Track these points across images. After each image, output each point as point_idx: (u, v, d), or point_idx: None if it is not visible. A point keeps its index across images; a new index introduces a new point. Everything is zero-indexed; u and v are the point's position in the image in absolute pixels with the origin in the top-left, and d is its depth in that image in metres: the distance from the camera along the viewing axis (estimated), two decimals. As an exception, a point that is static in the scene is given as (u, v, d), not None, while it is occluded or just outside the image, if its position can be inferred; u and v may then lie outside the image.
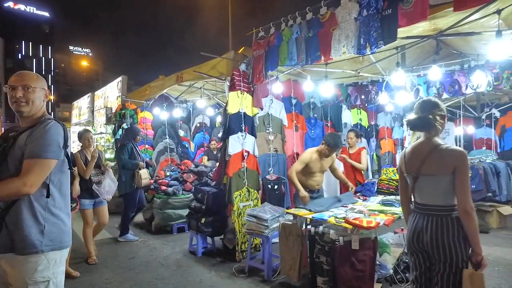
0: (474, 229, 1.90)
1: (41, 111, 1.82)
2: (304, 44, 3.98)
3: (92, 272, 4.10)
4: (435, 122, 2.02)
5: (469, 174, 1.96)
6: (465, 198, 1.91)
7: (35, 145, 1.63)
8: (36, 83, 1.79)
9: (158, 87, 7.15)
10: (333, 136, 4.07)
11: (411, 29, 3.49)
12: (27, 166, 1.61)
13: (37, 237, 1.65)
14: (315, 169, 4.09)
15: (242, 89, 4.58)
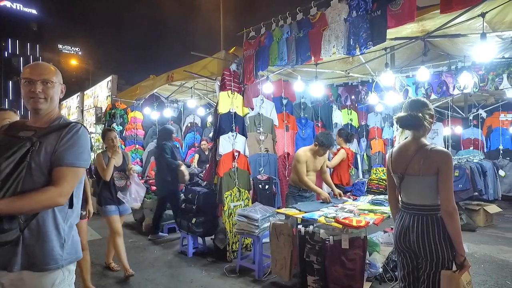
0: (456, 230, 1.91)
1: (57, 108, 1.66)
2: (294, 44, 3.99)
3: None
4: (424, 120, 2.03)
5: (453, 175, 1.97)
6: (447, 199, 1.92)
7: (69, 152, 1.49)
8: (56, 76, 1.62)
9: (148, 86, 7.09)
10: (325, 135, 4.09)
11: (399, 30, 3.54)
12: (61, 174, 1.47)
13: (59, 251, 1.52)
14: (309, 168, 4.10)
15: (232, 89, 4.58)
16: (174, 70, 6.03)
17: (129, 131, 7.58)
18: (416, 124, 2.05)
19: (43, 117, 1.59)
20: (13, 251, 1.42)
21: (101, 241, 5.44)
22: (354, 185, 4.81)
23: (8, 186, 1.35)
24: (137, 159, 7.52)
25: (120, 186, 3.85)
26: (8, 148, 1.38)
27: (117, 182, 3.86)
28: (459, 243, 1.92)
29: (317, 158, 4.13)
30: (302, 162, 4.05)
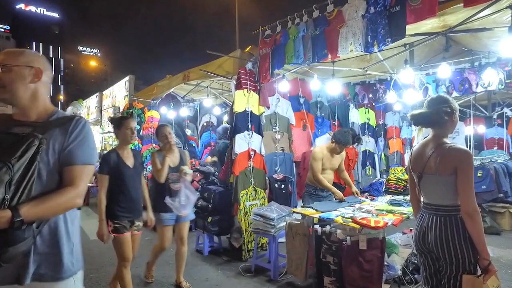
0: (478, 232, 1.82)
1: (45, 100, 1.44)
2: (310, 42, 3.95)
3: (98, 270, 4.13)
4: (438, 117, 1.96)
5: (473, 175, 1.87)
6: (467, 199, 1.83)
7: (82, 149, 1.37)
8: (13, 59, 1.35)
9: (165, 86, 7.18)
10: (342, 132, 4.03)
11: (419, 26, 3.44)
12: (76, 173, 1.35)
13: (70, 258, 1.39)
14: (325, 166, 4.05)
15: (248, 88, 4.57)
16: (190, 70, 6.08)
17: (146, 130, 7.68)
18: (429, 121, 1.99)
19: (30, 110, 1.39)
20: (25, 261, 1.28)
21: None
22: (372, 185, 4.73)
23: (22, 190, 1.21)
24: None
25: (176, 190, 3.34)
26: (13, 146, 1.21)
27: (173, 185, 3.36)
28: (482, 246, 1.82)
29: (334, 156, 4.08)
30: (317, 159, 4.00)
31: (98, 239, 2.84)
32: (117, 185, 2.85)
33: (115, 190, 2.85)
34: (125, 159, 2.92)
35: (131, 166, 2.92)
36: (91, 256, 4.58)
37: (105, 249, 4.88)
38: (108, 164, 2.84)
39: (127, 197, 2.88)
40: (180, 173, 3.36)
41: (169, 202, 3.24)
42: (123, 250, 2.95)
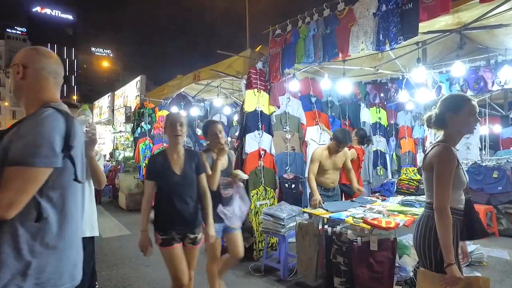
0: (442, 232, 1.79)
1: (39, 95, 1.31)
2: (321, 41, 3.93)
3: (110, 268, 4.18)
4: (441, 117, 1.97)
5: (446, 173, 1.82)
6: (436, 196, 1.83)
7: (19, 145, 1.13)
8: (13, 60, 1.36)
9: (175, 86, 7.23)
10: (341, 131, 4.02)
11: (432, 23, 3.38)
12: (6, 177, 1.12)
13: (16, 280, 1.12)
14: (327, 166, 4.02)
15: (258, 87, 4.56)
16: (200, 69, 6.11)
17: (157, 130, 7.76)
18: (435, 123, 2.00)
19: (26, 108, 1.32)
20: None
21: (130, 236, 5.60)
22: (383, 185, 4.66)
23: None
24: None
25: (226, 197, 2.87)
26: None
27: (223, 191, 2.87)
28: (444, 247, 1.79)
29: (336, 156, 4.04)
30: (313, 160, 4.01)
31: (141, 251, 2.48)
32: (161, 194, 2.44)
33: (159, 199, 2.45)
34: (173, 164, 2.44)
35: (179, 173, 2.43)
36: (103, 254, 4.65)
37: (117, 248, 4.97)
38: (154, 169, 2.43)
39: (173, 208, 2.40)
40: (233, 178, 2.91)
41: (222, 211, 2.76)
42: (171, 266, 2.43)
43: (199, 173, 2.56)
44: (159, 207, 2.44)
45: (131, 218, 7.09)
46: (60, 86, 1.41)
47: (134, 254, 4.67)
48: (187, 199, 2.45)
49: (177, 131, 2.43)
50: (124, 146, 10.37)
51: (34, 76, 1.32)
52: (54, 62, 1.37)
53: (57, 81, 1.38)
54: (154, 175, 2.43)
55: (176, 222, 2.43)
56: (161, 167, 2.42)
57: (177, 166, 2.45)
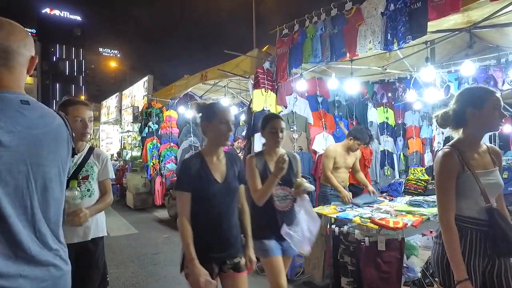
0: (446, 245, 1.66)
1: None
2: (328, 40, 3.92)
3: (118, 266, 4.23)
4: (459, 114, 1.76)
5: (442, 181, 1.71)
6: (438, 205, 1.73)
7: None
8: None
9: (182, 86, 7.28)
10: (359, 129, 4.03)
11: (441, 22, 3.35)
12: None
13: None
14: (339, 164, 4.02)
15: (266, 87, 4.57)
16: (207, 69, 6.14)
17: (164, 129, 7.82)
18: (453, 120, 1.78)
19: None
20: None
21: (138, 235, 5.66)
22: (391, 185, 4.63)
23: None
24: (172, 157, 7.74)
25: (283, 211, 2.34)
26: None
27: (279, 203, 2.34)
28: (453, 263, 1.63)
29: (350, 154, 4.05)
30: (329, 157, 3.99)
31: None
32: (198, 209, 1.86)
33: (196, 216, 1.85)
34: (213, 169, 1.91)
35: (221, 181, 1.90)
36: (112, 252, 4.69)
37: (125, 246, 5.02)
38: (189, 176, 1.84)
39: (212, 227, 1.87)
40: (296, 190, 2.35)
41: (288, 233, 2.21)
42: None
43: (241, 182, 2.04)
44: (195, 225, 1.83)
45: (138, 217, 7.15)
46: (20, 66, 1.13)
47: (142, 252, 4.72)
48: (230, 214, 1.93)
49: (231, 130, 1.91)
50: (131, 145, 10.47)
51: None
52: (2, 37, 1.07)
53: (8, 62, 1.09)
54: (191, 183, 1.84)
55: (215, 245, 1.88)
56: (198, 174, 1.86)
57: (217, 172, 1.92)
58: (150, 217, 7.12)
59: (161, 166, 7.64)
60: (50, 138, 1.15)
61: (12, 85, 1.10)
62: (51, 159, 1.15)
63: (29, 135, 1.07)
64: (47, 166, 1.13)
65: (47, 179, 1.13)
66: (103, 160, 2.33)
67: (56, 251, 1.13)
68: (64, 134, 1.22)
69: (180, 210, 1.87)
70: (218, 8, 72.12)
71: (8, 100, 1.06)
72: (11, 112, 1.04)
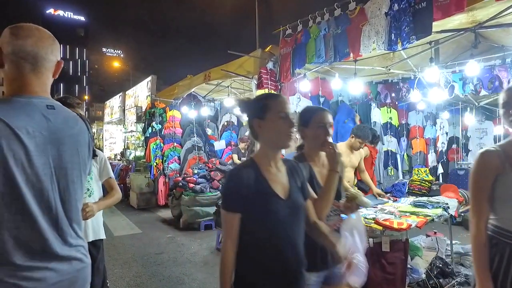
0: (474, 255, 1.51)
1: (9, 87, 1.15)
2: (332, 41, 3.92)
3: (122, 266, 4.24)
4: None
5: (473, 180, 1.57)
6: (469, 209, 1.63)
7: None
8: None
9: (186, 86, 7.29)
10: (360, 127, 4.01)
11: (446, 22, 3.32)
12: None
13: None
14: (345, 163, 4.01)
15: (269, 88, 4.57)
16: (211, 70, 6.15)
17: (167, 129, 7.84)
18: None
19: None
20: None
21: (141, 235, 5.67)
22: (394, 185, 4.60)
23: None
24: (175, 157, 7.76)
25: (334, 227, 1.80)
26: None
27: (329, 218, 1.81)
28: (477, 277, 1.49)
29: (354, 153, 4.03)
30: None
31: None
32: (253, 235, 1.38)
33: (247, 244, 1.37)
34: (272, 181, 1.42)
35: (284, 197, 1.42)
36: (116, 251, 4.71)
37: (129, 246, 5.03)
38: (239, 191, 1.35)
39: (274, 259, 1.38)
40: (349, 204, 1.86)
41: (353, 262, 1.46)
42: None
43: (306, 197, 1.54)
44: (246, 257, 1.36)
45: (141, 217, 7.17)
46: (47, 72, 1.17)
47: (145, 252, 4.73)
48: (296, 241, 1.42)
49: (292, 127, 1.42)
50: (135, 145, 10.50)
51: (7, 63, 1.12)
52: (30, 44, 1.11)
53: (36, 68, 1.13)
54: (242, 201, 1.34)
55: (274, 281, 1.38)
56: (253, 188, 1.35)
57: (278, 185, 1.42)
58: (153, 217, 7.14)
59: (164, 166, 7.66)
60: (73, 141, 1.21)
61: (39, 90, 1.16)
62: (73, 162, 1.21)
63: (53, 139, 1.14)
64: (69, 169, 1.19)
65: (69, 181, 1.19)
66: (101, 160, 2.40)
67: (77, 247, 1.21)
68: (85, 137, 1.28)
69: (225, 234, 1.40)
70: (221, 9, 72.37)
71: (35, 105, 1.12)
72: (38, 117, 1.11)
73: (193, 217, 5.83)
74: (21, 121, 1.06)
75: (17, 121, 1.05)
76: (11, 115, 1.05)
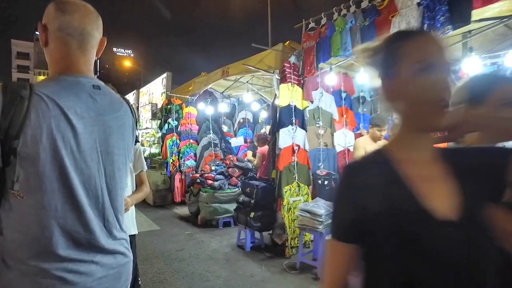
0: None
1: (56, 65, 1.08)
2: (359, 33, 3.82)
3: (144, 262, 4.20)
4: None
5: None
6: None
7: None
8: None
9: (202, 82, 7.24)
10: (377, 115, 3.93)
11: (484, 10, 3.19)
12: None
13: None
14: None
15: (292, 82, 4.48)
16: (229, 65, 6.08)
17: (183, 126, 7.80)
18: None
19: None
20: None
21: (160, 232, 5.64)
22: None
23: None
24: (191, 154, 7.72)
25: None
26: None
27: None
28: None
29: (379, 145, 3.92)
30: (358, 148, 3.89)
31: None
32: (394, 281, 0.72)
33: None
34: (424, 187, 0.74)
35: (452, 217, 0.70)
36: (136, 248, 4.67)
37: (148, 243, 5.00)
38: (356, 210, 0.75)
39: None
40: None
41: None
42: None
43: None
44: None
45: (158, 213, 7.15)
46: (92, 49, 1.10)
47: (165, 249, 4.69)
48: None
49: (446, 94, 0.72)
50: (150, 142, 10.51)
51: (52, 40, 1.05)
52: (77, 19, 1.04)
53: (82, 45, 1.06)
54: (361, 226, 0.75)
55: None
56: (385, 203, 0.74)
57: (437, 195, 0.74)
58: (170, 214, 7.11)
59: (180, 163, 7.63)
60: (118, 125, 1.12)
61: (85, 69, 1.08)
62: (118, 147, 1.11)
63: (100, 121, 1.05)
64: (115, 155, 1.10)
65: (115, 167, 1.10)
66: (136, 151, 2.32)
67: (120, 240, 1.12)
68: (130, 120, 1.19)
69: (326, 268, 0.83)
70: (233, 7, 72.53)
71: (82, 85, 1.04)
72: (85, 97, 1.03)
73: (212, 214, 5.77)
74: (70, 101, 0.97)
75: (66, 101, 0.96)
76: (61, 94, 0.96)
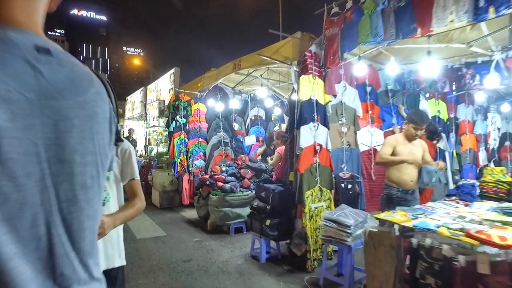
0: None
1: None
2: (393, 16, 3.35)
3: (147, 275, 3.75)
4: None
5: None
6: None
7: None
8: None
9: (212, 77, 6.78)
10: (415, 111, 3.50)
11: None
12: None
13: None
14: (404, 154, 3.38)
15: (314, 73, 3.97)
16: (241, 58, 5.60)
17: (192, 124, 7.34)
18: None
19: None
20: None
21: (166, 238, 5.20)
22: (460, 187, 3.93)
23: None
24: (200, 153, 7.27)
25: None
26: None
27: None
28: None
29: (414, 145, 3.43)
30: (386, 144, 3.48)
31: None
32: None
33: None
34: None
35: None
36: (139, 257, 4.24)
37: (153, 251, 4.56)
38: None
39: None
40: None
41: None
42: None
43: None
44: None
45: (165, 217, 6.71)
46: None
47: (172, 259, 4.24)
48: None
49: None
50: (157, 141, 10.11)
51: None
52: None
53: None
54: None
55: None
56: None
57: None
58: (178, 217, 6.67)
59: (189, 162, 7.17)
60: (84, 116, 0.65)
61: (24, 20, 0.61)
62: (83, 152, 0.65)
63: (47, 109, 0.59)
64: (77, 164, 0.64)
65: (77, 185, 0.64)
66: (124, 153, 1.73)
67: None
68: (105, 108, 0.71)
69: None
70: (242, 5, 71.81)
71: (13, 44, 0.57)
72: (19, 66, 0.56)
73: (222, 219, 5.29)
74: None
75: None
76: None
